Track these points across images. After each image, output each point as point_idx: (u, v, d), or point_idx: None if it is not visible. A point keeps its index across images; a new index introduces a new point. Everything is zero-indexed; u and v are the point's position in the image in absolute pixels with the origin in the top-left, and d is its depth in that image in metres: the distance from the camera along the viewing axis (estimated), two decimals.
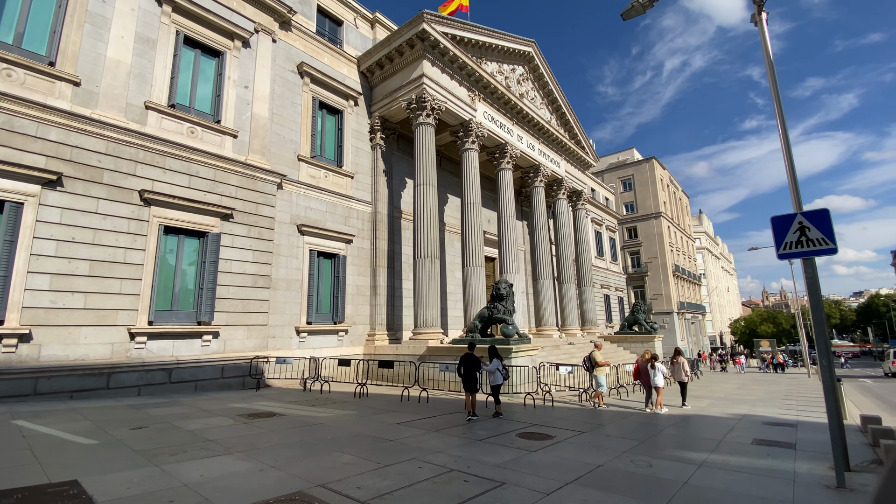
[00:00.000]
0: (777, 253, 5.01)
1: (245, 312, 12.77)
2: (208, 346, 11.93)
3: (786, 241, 4.96)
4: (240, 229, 12.98)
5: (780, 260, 5.01)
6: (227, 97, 13.52)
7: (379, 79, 18.05)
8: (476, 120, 18.64)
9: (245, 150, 13.66)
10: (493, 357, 9.38)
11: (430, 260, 15.48)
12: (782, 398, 14.04)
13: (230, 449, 5.68)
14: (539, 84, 24.55)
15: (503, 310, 12.84)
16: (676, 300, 49.55)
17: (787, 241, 4.95)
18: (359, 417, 8.19)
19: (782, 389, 17.30)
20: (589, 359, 11.72)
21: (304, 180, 15.21)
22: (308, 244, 14.92)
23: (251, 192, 13.42)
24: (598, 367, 11.41)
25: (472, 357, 8.62)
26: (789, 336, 59.58)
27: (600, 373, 11.34)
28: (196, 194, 12.18)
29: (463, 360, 8.58)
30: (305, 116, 15.74)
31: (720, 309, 77.71)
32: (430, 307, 15.17)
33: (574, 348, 20.75)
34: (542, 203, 23.48)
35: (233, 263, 12.69)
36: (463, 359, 8.60)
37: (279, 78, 15.14)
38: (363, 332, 16.33)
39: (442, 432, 6.99)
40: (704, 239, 73.94)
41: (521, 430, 7.40)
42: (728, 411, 10.63)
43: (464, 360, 8.58)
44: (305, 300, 14.53)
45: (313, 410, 8.93)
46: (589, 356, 11.74)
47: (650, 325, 25.59)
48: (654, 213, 50.30)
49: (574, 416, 9.21)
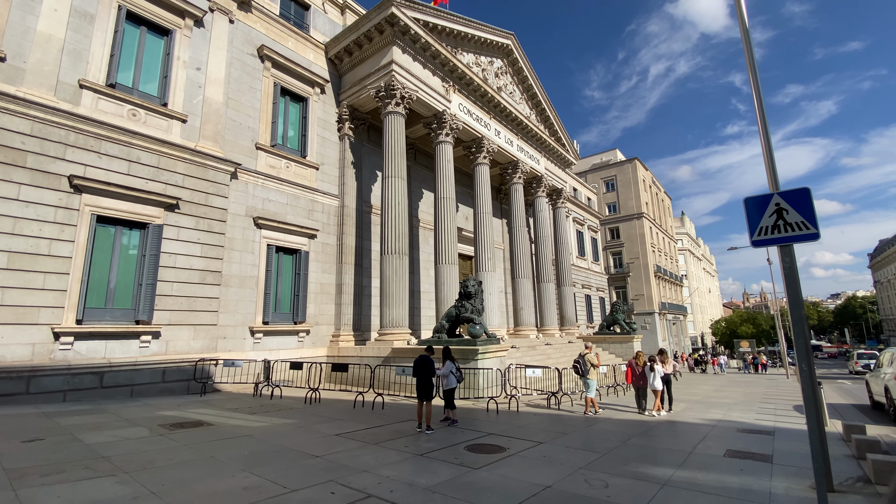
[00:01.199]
0: (751, 239, 4.33)
1: (191, 311, 11.78)
2: (147, 348, 10.93)
3: (760, 227, 4.28)
4: (187, 221, 12.00)
5: (754, 248, 4.34)
6: (175, 79, 12.52)
7: (348, 66, 17.19)
8: (450, 112, 17.89)
9: (196, 136, 12.67)
10: (446, 359, 8.62)
11: (398, 256, 14.66)
12: (760, 401, 13.57)
13: (118, 469, 4.80)
14: (518, 78, 23.93)
15: (471, 308, 12.09)
16: (658, 301, 49.54)
17: (762, 225, 4.28)
18: (296, 428, 7.34)
19: (760, 391, 16.90)
20: (582, 360, 10.56)
21: (262, 170, 14.26)
22: (266, 238, 13.97)
23: (201, 181, 12.44)
24: (593, 369, 10.42)
25: (426, 360, 7.77)
26: (769, 337, 60.16)
27: (592, 376, 10.35)
28: (136, 182, 11.18)
29: (417, 363, 7.71)
30: (266, 103, 14.79)
31: (702, 310, 78.37)
32: (397, 306, 14.35)
33: (551, 349, 20.13)
34: (520, 200, 22.83)
35: (178, 258, 11.71)
36: (417, 362, 7.73)
37: (237, 61, 14.18)
38: (327, 333, 15.42)
39: (381, 445, 6.19)
40: (686, 240, 74.49)
41: (474, 440, 6.64)
42: (703, 416, 10.03)
43: (418, 364, 7.72)
44: (262, 298, 13.57)
45: (250, 419, 8.05)
46: (582, 357, 10.62)
47: (630, 325, 25.16)
48: (637, 213, 50.24)
49: (538, 422, 8.50)
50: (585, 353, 10.76)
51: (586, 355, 10.65)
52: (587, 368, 10.46)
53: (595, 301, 39.28)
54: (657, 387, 10.29)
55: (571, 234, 37.41)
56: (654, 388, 10.26)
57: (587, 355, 10.65)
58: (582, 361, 10.61)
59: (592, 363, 10.55)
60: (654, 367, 10.50)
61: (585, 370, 10.46)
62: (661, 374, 10.47)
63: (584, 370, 10.46)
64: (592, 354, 10.72)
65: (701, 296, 78.31)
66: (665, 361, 11.31)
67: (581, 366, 10.58)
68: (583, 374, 10.47)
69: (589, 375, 10.37)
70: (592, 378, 10.39)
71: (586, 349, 10.92)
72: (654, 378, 10.33)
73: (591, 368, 10.47)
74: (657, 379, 10.31)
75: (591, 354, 10.70)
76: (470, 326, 11.78)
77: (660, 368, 10.50)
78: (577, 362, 10.73)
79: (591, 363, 10.54)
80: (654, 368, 10.44)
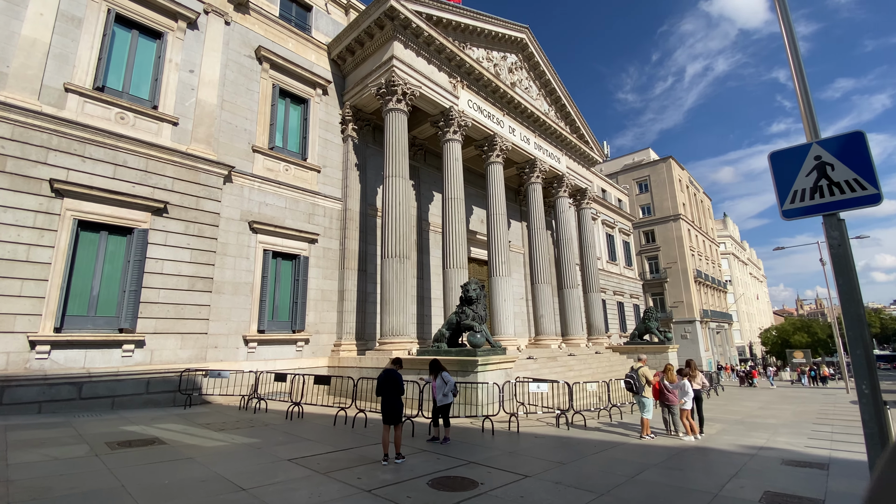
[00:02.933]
0: (781, 209, 3.09)
1: (179, 319, 11.28)
2: (130, 357, 10.47)
3: (794, 190, 3.04)
4: (175, 225, 11.58)
5: (786, 219, 3.08)
6: (166, 82, 12.26)
7: (351, 66, 16.64)
8: (458, 108, 16.98)
9: (187, 139, 12.33)
10: (435, 371, 7.58)
11: (399, 260, 13.76)
12: (814, 422, 11.63)
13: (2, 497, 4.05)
14: (535, 74, 22.76)
15: (471, 315, 10.98)
16: (699, 308, 46.31)
17: (798, 188, 3.02)
18: (251, 450, 6.47)
19: (814, 409, 14.73)
20: (636, 375, 9.07)
21: (259, 173, 13.78)
22: (262, 243, 13.42)
23: (191, 184, 12.04)
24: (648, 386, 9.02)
25: (391, 376, 6.46)
26: (826, 347, 55.11)
27: (648, 394, 8.93)
28: (121, 186, 10.85)
29: (381, 380, 6.48)
30: (263, 105, 14.37)
31: (749, 317, 73.19)
32: (398, 313, 13.41)
33: (574, 360, 18.58)
34: (538, 201, 21.52)
35: (165, 263, 11.27)
36: (381, 379, 6.49)
37: (233, 63, 13.85)
38: (328, 343, 14.67)
39: (330, 476, 5.21)
40: (730, 243, 70.03)
41: (445, 472, 5.54)
42: (741, 441, 8.44)
43: (382, 380, 6.47)
44: (257, 306, 12.98)
45: (211, 437, 7.26)
46: (635, 372, 9.14)
47: (664, 334, 23.13)
48: (673, 215, 47.41)
49: (535, 447, 7.27)
50: (638, 366, 9.27)
51: (640, 369, 9.16)
52: (642, 384, 8.98)
53: (628, 308, 37.00)
54: (687, 405, 8.81)
55: (601, 238, 35.50)
56: (685, 407, 8.79)
57: (641, 369, 9.15)
58: (636, 376, 9.09)
59: (648, 378, 9.08)
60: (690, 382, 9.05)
61: (640, 386, 8.96)
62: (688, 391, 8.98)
63: (639, 386, 8.95)
64: (647, 368, 9.25)
65: (748, 302, 73.22)
66: (693, 375, 9.78)
67: (635, 381, 9.04)
68: (637, 390, 8.99)
69: (645, 393, 8.92)
70: (649, 396, 8.94)
71: (639, 362, 9.44)
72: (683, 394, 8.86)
73: (647, 385, 9.03)
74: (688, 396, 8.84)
75: (646, 368, 9.21)
76: (469, 335, 10.67)
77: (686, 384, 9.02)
78: (629, 377, 9.21)
79: (646, 378, 9.07)
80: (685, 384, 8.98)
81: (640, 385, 8.97)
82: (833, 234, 2.86)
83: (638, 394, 8.97)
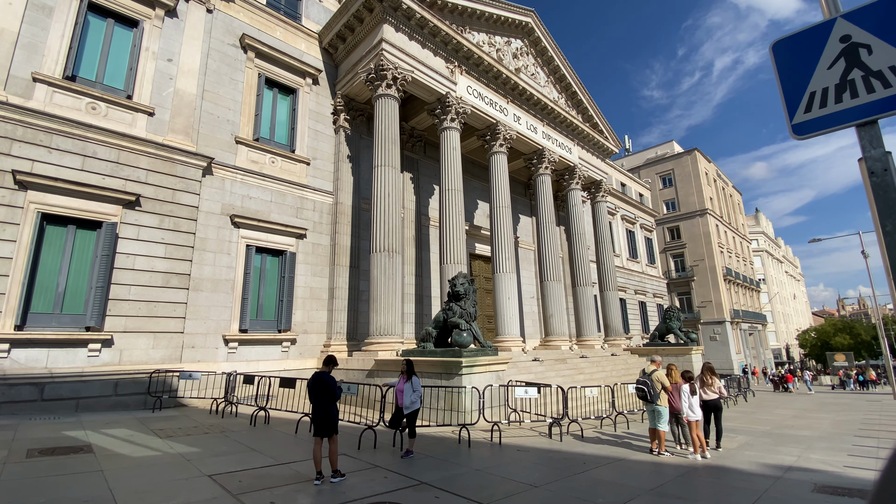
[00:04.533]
0: (790, 123, 2.02)
1: (151, 317, 10.71)
2: (97, 357, 9.93)
3: (810, 92, 1.97)
4: (148, 219, 11.04)
5: (797, 137, 2.00)
6: (142, 71, 11.78)
7: (343, 54, 15.93)
8: (456, 94, 16.02)
9: (164, 130, 11.81)
10: (410, 374, 6.64)
11: (389, 254, 12.88)
12: (856, 433, 10.08)
13: None
14: (542, 60, 21.58)
15: (459, 311, 9.97)
16: (729, 308, 43.73)
17: (815, 88, 1.97)
18: (177, 461, 5.68)
19: (857, 419, 13.00)
20: (650, 381, 7.72)
21: (242, 165, 13.17)
22: (245, 238, 12.79)
23: (167, 176, 11.50)
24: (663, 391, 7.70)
25: (322, 379, 5.40)
26: (870, 349, 51.30)
27: (664, 402, 7.63)
28: (90, 178, 10.36)
29: (311, 384, 5.48)
30: (248, 95, 13.78)
31: (785, 318, 69.20)
32: (387, 311, 12.53)
33: (586, 363, 17.29)
34: (547, 193, 20.30)
35: (137, 259, 10.72)
36: (311, 383, 5.48)
37: (215, 52, 13.31)
38: (317, 343, 13.91)
39: (240, 498, 4.34)
40: (763, 240, 66.40)
41: (384, 495, 4.59)
42: (766, 458, 7.13)
43: (312, 384, 5.47)
44: (239, 304, 12.34)
45: (147, 446, 6.52)
46: (648, 376, 7.79)
47: (687, 334, 21.45)
48: (699, 210, 45.00)
49: (512, 463, 6.22)
50: (652, 369, 7.86)
51: (654, 373, 7.78)
52: (657, 391, 7.63)
53: (651, 308, 35.11)
54: (693, 416, 7.56)
55: (620, 234, 33.82)
56: (690, 418, 7.55)
57: (655, 373, 7.77)
58: (650, 382, 7.71)
59: (664, 384, 7.69)
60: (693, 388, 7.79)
61: (655, 393, 7.61)
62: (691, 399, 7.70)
63: (654, 393, 7.61)
64: (662, 371, 7.86)
65: (783, 302, 69.25)
66: (711, 383, 8.49)
67: (649, 388, 7.68)
68: (651, 398, 7.62)
69: (660, 401, 7.59)
70: (665, 404, 7.62)
71: (652, 364, 8.02)
72: (688, 403, 7.63)
73: (663, 391, 7.67)
74: (693, 405, 7.60)
75: (661, 372, 7.81)
76: (455, 333, 9.66)
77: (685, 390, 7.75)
78: (641, 383, 7.83)
79: (661, 384, 7.71)
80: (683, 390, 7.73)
81: (654, 392, 7.70)
82: (872, 152, 1.77)
83: (652, 402, 7.67)
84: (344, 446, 6.51)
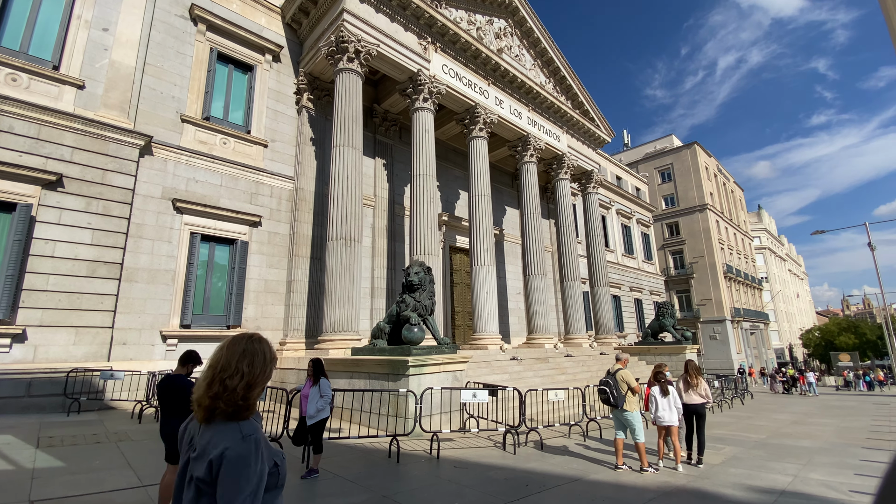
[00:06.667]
0: None
1: (74, 310, 9.62)
2: (7, 354, 8.84)
3: None
4: (73, 202, 9.94)
5: None
6: (73, 40, 10.69)
7: (307, 29, 14.79)
8: (429, 73, 14.87)
9: (95, 105, 10.70)
10: (317, 375, 5.51)
11: (346, 243, 11.76)
12: (863, 443, 8.88)
13: None
14: (528, 42, 20.38)
15: (412, 304, 8.83)
16: (730, 306, 42.43)
17: None
18: (15, 479, 4.57)
19: (864, 425, 11.78)
20: (613, 381, 6.62)
21: (188, 146, 12.06)
22: (189, 225, 11.69)
23: (97, 155, 10.39)
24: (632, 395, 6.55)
25: (173, 385, 4.08)
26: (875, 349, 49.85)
27: (633, 406, 6.51)
28: (4, 154, 9.27)
29: (160, 391, 4.18)
30: (198, 70, 12.67)
31: (788, 317, 67.72)
32: (343, 305, 11.41)
33: (570, 362, 16.14)
34: (532, 181, 19.12)
35: (58, 245, 9.63)
36: (160, 389, 4.17)
37: (160, 23, 12.20)
38: (272, 340, 12.78)
39: None
40: (765, 237, 64.93)
41: None
42: (754, 479, 5.94)
43: (161, 391, 4.16)
44: (180, 297, 11.24)
45: (8, 457, 5.41)
46: (612, 376, 6.71)
47: (682, 332, 20.23)
48: (699, 205, 43.68)
49: (435, 486, 5.10)
50: (616, 368, 6.82)
51: (618, 372, 6.72)
52: (622, 393, 6.49)
53: (648, 306, 33.88)
54: (666, 421, 6.44)
55: (616, 229, 32.59)
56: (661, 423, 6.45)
57: (620, 371, 6.71)
58: (613, 382, 6.59)
59: (630, 384, 6.53)
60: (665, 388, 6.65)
61: (620, 395, 6.47)
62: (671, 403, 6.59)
63: (618, 396, 6.47)
64: (627, 370, 6.75)
65: (787, 301, 67.78)
66: (695, 384, 7.32)
67: (612, 389, 6.53)
68: (615, 402, 6.48)
69: (627, 405, 6.45)
70: (633, 409, 6.45)
71: (617, 363, 6.97)
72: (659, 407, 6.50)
73: (630, 393, 6.49)
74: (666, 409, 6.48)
75: (627, 371, 6.72)
76: (406, 329, 8.51)
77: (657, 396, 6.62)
78: (603, 383, 6.69)
79: (626, 384, 6.55)
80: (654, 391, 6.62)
81: (619, 395, 6.54)
82: None
83: (618, 407, 6.52)
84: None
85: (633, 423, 6.38)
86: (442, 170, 18.73)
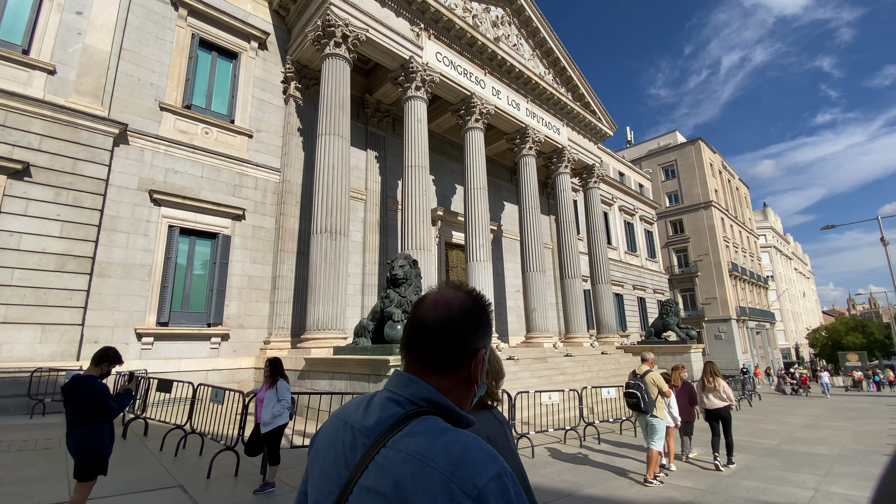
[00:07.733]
0: None
1: (40, 306, 9.07)
2: None
3: None
4: (40, 192, 9.40)
5: None
6: (44, 24, 10.15)
7: (294, 16, 14.21)
8: (422, 60, 14.27)
9: (67, 91, 10.16)
10: (275, 376, 4.91)
11: (331, 236, 11.18)
12: (884, 450, 8.22)
13: None
14: (527, 31, 19.75)
15: (396, 300, 8.24)
16: (735, 305, 41.61)
17: None
18: None
19: (882, 428, 11.08)
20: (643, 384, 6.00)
21: (167, 135, 11.50)
22: (167, 218, 11.13)
23: (67, 143, 9.85)
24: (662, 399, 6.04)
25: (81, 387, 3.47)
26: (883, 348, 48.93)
27: (662, 412, 5.99)
28: None
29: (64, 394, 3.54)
30: (178, 57, 12.12)
31: (795, 317, 66.69)
32: (327, 302, 10.83)
33: (570, 362, 15.50)
34: (531, 175, 18.50)
35: (23, 238, 9.09)
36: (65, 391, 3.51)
37: (138, 6, 11.65)
38: (256, 339, 12.23)
39: None
40: (771, 235, 63.95)
41: None
42: (772, 495, 5.29)
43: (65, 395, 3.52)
44: (157, 293, 10.69)
45: None
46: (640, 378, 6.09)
47: (685, 331, 19.55)
48: (704, 202, 42.87)
49: None
50: (644, 369, 6.20)
51: (647, 374, 6.10)
52: (652, 398, 5.93)
53: (651, 304, 33.15)
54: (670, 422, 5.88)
55: (618, 226, 31.90)
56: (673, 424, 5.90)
57: (649, 374, 6.09)
58: (643, 386, 5.97)
59: (661, 388, 6.03)
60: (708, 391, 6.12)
61: (650, 401, 5.90)
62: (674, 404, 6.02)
63: (649, 401, 5.89)
64: (656, 372, 6.16)
65: (793, 300, 66.77)
66: (715, 386, 6.71)
67: (643, 393, 5.92)
68: (646, 407, 5.88)
69: (656, 411, 5.91)
70: (663, 415, 5.94)
71: (644, 363, 6.35)
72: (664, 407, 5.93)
73: (660, 397, 6.01)
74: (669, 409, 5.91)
75: (656, 372, 6.13)
76: (388, 326, 7.92)
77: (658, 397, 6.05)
78: (632, 387, 6.02)
79: (658, 387, 6.02)
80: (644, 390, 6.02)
81: (650, 400, 5.91)
82: None
83: (646, 413, 5.88)
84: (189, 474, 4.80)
85: (658, 429, 5.79)
86: (437, 163, 18.15)
